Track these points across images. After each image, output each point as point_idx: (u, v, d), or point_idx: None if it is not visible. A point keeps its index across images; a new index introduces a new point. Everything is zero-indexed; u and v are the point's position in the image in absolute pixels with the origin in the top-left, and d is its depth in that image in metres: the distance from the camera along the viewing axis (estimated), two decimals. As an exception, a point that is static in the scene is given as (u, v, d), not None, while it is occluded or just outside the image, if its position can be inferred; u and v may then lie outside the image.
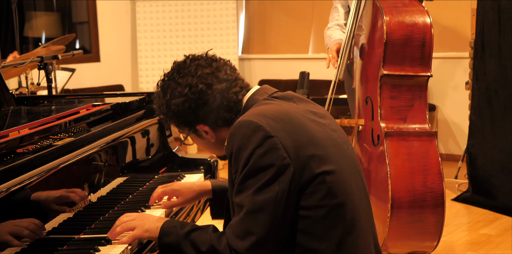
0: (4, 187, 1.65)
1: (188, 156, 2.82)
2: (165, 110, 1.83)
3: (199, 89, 1.77)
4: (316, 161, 1.65)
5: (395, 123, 3.05)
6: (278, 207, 1.62)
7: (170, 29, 7.38)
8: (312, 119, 1.75)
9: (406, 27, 3.02)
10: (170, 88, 1.80)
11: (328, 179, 1.65)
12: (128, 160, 2.50)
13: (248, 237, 1.62)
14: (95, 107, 2.49)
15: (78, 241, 1.88)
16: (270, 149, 1.62)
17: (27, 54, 4.75)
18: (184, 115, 1.80)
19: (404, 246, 3.07)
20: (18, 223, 1.73)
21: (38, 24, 7.34)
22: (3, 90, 2.62)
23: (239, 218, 1.64)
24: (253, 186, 1.63)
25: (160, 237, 1.75)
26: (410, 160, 2.96)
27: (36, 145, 2.00)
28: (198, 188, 2.11)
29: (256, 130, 1.64)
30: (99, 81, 7.24)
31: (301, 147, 1.65)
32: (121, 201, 2.27)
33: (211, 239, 1.68)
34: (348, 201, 1.68)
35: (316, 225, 1.65)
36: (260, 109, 1.73)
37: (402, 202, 2.91)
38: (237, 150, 1.65)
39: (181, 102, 1.78)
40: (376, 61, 3.09)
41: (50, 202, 1.91)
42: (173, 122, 1.85)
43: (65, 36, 5.26)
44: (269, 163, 1.62)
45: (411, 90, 3.06)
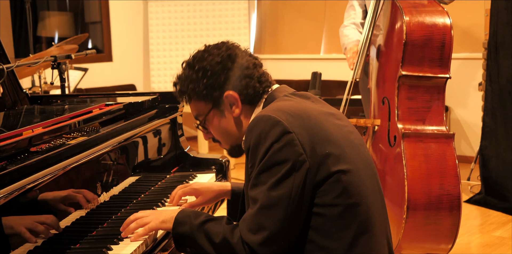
0: (18, 185, 1.65)
1: (200, 156, 2.82)
2: (194, 77, 1.81)
3: (235, 53, 1.82)
4: (332, 159, 1.66)
5: (412, 124, 3.04)
6: (292, 203, 1.63)
7: (182, 29, 7.39)
8: (329, 119, 1.75)
9: (426, 28, 3.00)
10: (202, 57, 1.83)
11: (344, 178, 1.66)
12: (140, 160, 2.50)
13: (260, 232, 1.63)
14: (108, 107, 2.50)
15: (90, 240, 1.88)
16: (287, 144, 1.63)
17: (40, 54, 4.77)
18: (217, 77, 1.80)
19: (418, 248, 3.06)
20: (36, 219, 1.74)
21: (51, 23, 7.38)
22: (17, 89, 2.63)
23: (253, 212, 1.65)
24: (268, 181, 1.64)
25: (174, 226, 1.76)
26: (427, 161, 2.95)
27: (50, 144, 2.01)
28: (218, 188, 2.12)
29: (274, 125, 1.65)
30: (111, 81, 7.26)
31: (318, 145, 1.66)
32: (133, 200, 2.27)
33: (224, 231, 1.69)
34: (363, 201, 1.68)
35: (329, 224, 1.65)
36: (279, 105, 1.74)
37: (418, 204, 2.89)
38: (254, 145, 1.66)
39: (216, 63, 1.80)
40: (395, 61, 3.08)
41: (63, 200, 1.92)
42: (200, 90, 1.82)
43: (78, 36, 5.28)
44: (285, 158, 1.63)
45: (429, 92, 3.05)
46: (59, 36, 7.29)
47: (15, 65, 2.51)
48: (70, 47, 4.71)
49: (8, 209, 1.64)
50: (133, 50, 7.59)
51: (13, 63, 2.55)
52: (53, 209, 1.88)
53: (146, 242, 1.84)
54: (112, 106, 2.50)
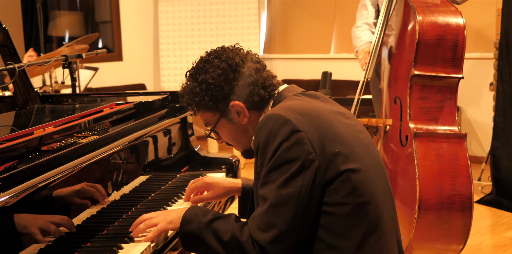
0: (30, 184, 1.66)
1: (210, 155, 2.82)
2: (197, 90, 1.82)
3: (236, 62, 1.81)
4: (341, 158, 1.66)
5: (424, 124, 3.02)
6: (301, 201, 1.62)
7: (192, 28, 7.40)
8: (339, 119, 1.75)
9: (439, 27, 2.99)
10: (204, 68, 1.83)
11: (353, 177, 1.65)
12: (150, 159, 2.51)
13: (270, 230, 1.63)
14: (119, 106, 2.50)
15: (101, 238, 1.88)
16: (296, 143, 1.63)
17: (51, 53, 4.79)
18: (220, 89, 1.80)
19: (429, 248, 3.05)
20: (49, 219, 1.74)
21: (62, 23, 7.40)
22: (28, 88, 2.64)
23: (263, 210, 1.65)
24: (277, 180, 1.64)
25: (182, 225, 1.76)
26: (439, 161, 2.94)
27: (61, 143, 2.01)
28: (229, 184, 2.12)
29: (284, 123, 1.65)
30: (121, 80, 7.28)
31: (327, 144, 1.65)
32: (143, 199, 2.27)
33: (233, 229, 1.68)
34: (372, 200, 1.68)
35: (339, 222, 1.65)
36: (288, 104, 1.75)
37: (429, 204, 2.88)
38: (264, 143, 1.66)
39: (218, 75, 1.80)
40: (407, 61, 3.07)
41: (74, 199, 1.93)
42: (205, 103, 1.83)
43: (88, 35, 5.30)
44: (295, 157, 1.63)
45: (441, 91, 3.04)
46: (69, 36, 7.32)
47: (27, 64, 2.52)
48: (80, 46, 4.73)
49: (19, 207, 1.64)
50: (143, 50, 7.60)
51: (24, 63, 2.56)
52: (65, 208, 1.88)
53: (156, 242, 1.84)
54: (123, 105, 2.50)
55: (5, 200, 1.55)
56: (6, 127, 2.28)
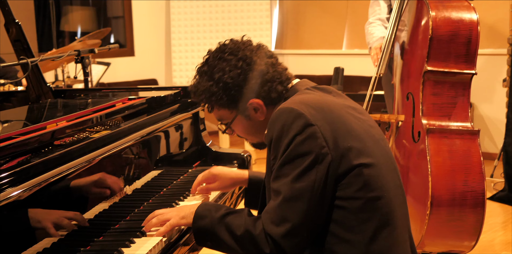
0: (42, 178, 1.67)
1: (222, 151, 2.82)
2: (214, 89, 1.80)
3: (254, 60, 1.80)
4: (354, 152, 1.65)
5: (437, 120, 3.01)
6: (314, 195, 1.62)
7: (204, 23, 7.40)
8: (351, 113, 1.75)
9: (452, 23, 2.97)
10: (218, 67, 1.80)
11: (365, 172, 1.65)
12: (162, 154, 2.51)
13: (283, 224, 1.63)
14: (131, 101, 2.51)
15: (113, 233, 1.89)
16: (310, 137, 1.63)
17: (64, 48, 4.81)
18: (239, 89, 1.79)
19: (441, 244, 3.04)
20: (62, 214, 1.75)
21: (74, 18, 7.42)
22: (41, 83, 2.65)
23: (276, 204, 1.64)
24: (291, 173, 1.63)
25: (194, 220, 1.76)
26: (452, 158, 2.92)
27: (73, 137, 2.02)
28: (236, 176, 2.12)
29: (297, 117, 1.65)
30: (133, 75, 7.30)
31: (340, 138, 1.65)
32: (155, 194, 2.28)
33: (246, 223, 1.68)
34: (385, 195, 1.68)
35: (351, 217, 1.65)
36: (301, 98, 1.74)
37: (442, 200, 2.87)
38: (277, 137, 1.66)
39: (236, 74, 1.78)
40: (420, 57, 3.05)
41: (87, 193, 1.93)
42: (223, 102, 1.82)
43: (100, 30, 5.31)
44: (308, 151, 1.62)
45: (454, 88, 3.02)
46: (81, 31, 7.34)
47: (40, 59, 2.53)
48: (93, 41, 4.74)
49: (32, 202, 1.65)
50: (155, 45, 7.61)
51: (37, 57, 2.57)
52: (77, 202, 1.89)
53: (168, 236, 1.85)
54: (135, 100, 2.51)
55: (18, 194, 1.56)
56: (19, 122, 2.29)
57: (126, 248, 1.74)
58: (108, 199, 2.02)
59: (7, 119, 2.26)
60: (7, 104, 2.80)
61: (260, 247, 1.65)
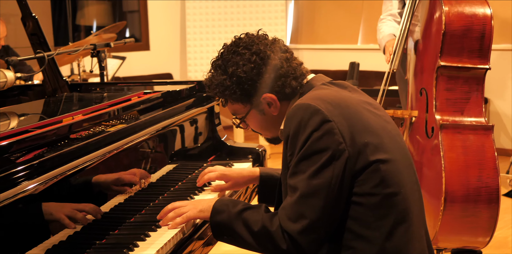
0: (58, 172, 1.68)
1: (237, 145, 2.83)
2: (228, 83, 1.80)
3: (268, 55, 1.79)
4: (371, 148, 1.65)
5: (450, 115, 2.99)
6: (331, 192, 1.62)
7: (219, 18, 7.39)
8: (367, 109, 1.75)
9: (466, 18, 2.95)
10: (232, 61, 1.80)
11: (382, 168, 1.65)
12: (177, 148, 2.52)
13: (300, 220, 1.63)
14: (146, 95, 2.51)
15: (129, 226, 1.90)
16: (327, 133, 1.62)
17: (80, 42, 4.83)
18: (253, 83, 1.79)
19: (455, 240, 3.02)
20: (75, 207, 1.77)
21: (90, 12, 7.45)
22: (57, 77, 2.67)
23: (293, 200, 1.64)
24: (308, 170, 1.63)
25: (212, 215, 1.76)
26: (466, 153, 2.91)
27: (89, 131, 2.03)
28: (247, 173, 2.12)
29: (314, 113, 1.64)
30: (148, 70, 7.31)
31: (357, 134, 1.65)
32: (170, 188, 2.28)
33: (263, 219, 1.69)
34: (401, 191, 1.67)
35: (367, 213, 1.65)
36: (318, 94, 1.74)
37: (455, 196, 2.86)
38: (294, 133, 1.66)
39: (250, 69, 1.78)
40: (433, 52, 3.03)
41: (102, 186, 1.95)
42: (237, 96, 1.82)
43: (116, 24, 5.33)
44: (325, 147, 1.62)
45: (468, 83, 3.00)
46: (97, 25, 7.37)
47: (56, 53, 2.54)
48: (108, 35, 4.76)
49: (49, 195, 1.66)
50: (170, 39, 7.62)
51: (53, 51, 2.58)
52: (92, 195, 1.90)
53: (183, 230, 1.86)
54: (150, 94, 2.51)
55: (35, 187, 1.57)
56: (36, 115, 2.30)
57: (141, 242, 1.75)
58: (124, 193, 2.03)
59: (23, 113, 2.28)
60: (23, 97, 2.82)
61: (276, 243, 1.65)
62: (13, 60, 2.33)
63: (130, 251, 1.68)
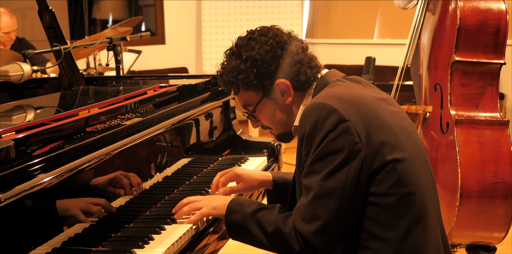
0: (74, 164, 1.68)
1: (252, 139, 2.82)
2: (242, 67, 1.77)
3: (284, 40, 1.78)
4: (387, 147, 1.63)
5: (465, 110, 2.98)
6: (346, 193, 1.60)
7: (235, 12, 7.38)
8: (382, 106, 1.72)
9: (481, 12, 2.93)
10: (248, 46, 1.78)
11: (399, 167, 1.63)
12: (192, 142, 2.52)
13: (314, 221, 1.61)
14: (162, 89, 2.52)
15: (144, 219, 1.91)
16: (343, 133, 1.60)
17: (96, 36, 4.84)
18: (267, 66, 1.76)
19: (470, 236, 3.01)
20: (90, 201, 1.77)
21: (106, 6, 7.47)
22: (73, 70, 2.67)
23: (307, 201, 1.63)
24: (323, 170, 1.61)
25: (227, 215, 1.76)
26: (481, 149, 2.89)
27: (105, 124, 2.04)
28: (260, 177, 2.07)
29: (330, 113, 1.62)
30: (163, 63, 7.32)
31: (373, 133, 1.63)
32: (185, 182, 2.29)
33: (277, 220, 1.67)
34: (418, 190, 1.65)
35: (384, 213, 1.63)
36: (333, 92, 1.71)
37: (471, 192, 2.84)
38: (310, 133, 1.64)
39: (265, 51, 1.76)
40: (447, 47, 3.01)
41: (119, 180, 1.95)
42: (250, 80, 1.77)
43: (132, 19, 5.33)
44: (341, 147, 1.60)
45: (483, 78, 2.98)
46: (113, 19, 7.38)
47: (72, 46, 2.55)
48: (124, 29, 4.76)
49: (65, 187, 1.67)
50: (185, 33, 7.62)
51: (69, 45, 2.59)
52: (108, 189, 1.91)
53: (197, 224, 1.86)
54: (166, 88, 2.52)
55: (50, 180, 1.58)
56: (52, 108, 2.31)
57: (157, 235, 1.75)
58: (140, 186, 2.03)
59: (40, 106, 2.29)
60: (40, 90, 2.83)
61: (290, 245, 1.64)
62: (29, 53, 2.34)
63: (145, 244, 1.69)
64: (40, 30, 2.66)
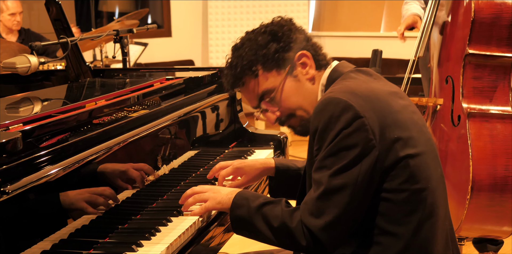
0: (81, 157, 1.68)
1: (258, 132, 2.82)
2: (263, 42, 1.76)
3: (296, 26, 1.80)
4: (400, 144, 1.61)
5: (477, 103, 2.96)
6: (357, 189, 1.58)
7: (241, 5, 7.37)
8: (395, 100, 1.70)
9: (495, 5, 2.91)
10: (266, 25, 1.79)
11: (411, 163, 1.61)
12: (199, 134, 2.52)
13: (322, 216, 1.59)
14: (169, 81, 2.51)
15: (151, 211, 1.91)
16: (357, 129, 1.58)
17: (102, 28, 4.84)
18: (286, 38, 1.75)
19: (479, 230, 3.00)
20: (93, 191, 1.77)
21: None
22: (80, 63, 2.67)
23: (316, 196, 1.61)
24: (334, 166, 1.59)
25: (232, 209, 1.73)
26: (493, 142, 2.87)
27: (112, 116, 2.04)
28: (261, 165, 2.05)
29: (345, 109, 1.59)
30: (170, 56, 7.32)
31: (387, 129, 1.60)
32: (192, 174, 2.29)
33: (283, 215, 1.65)
34: (429, 186, 1.64)
35: (395, 209, 1.62)
36: (348, 86, 1.69)
37: (482, 185, 2.83)
38: (323, 128, 1.61)
39: (281, 25, 1.77)
40: (460, 40, 3.00)
41: (125, 172, 1.95)
42: (272, 56, 1.75)
43: (138, 11, 5.34)
44: (354, 143, 1.58)
45: (495, 71, 2.96)
46: (119, 11, 7.38)
47: (79, 38, 2.55)
48: (131, 22, 4.76)
49: (72, 179, 1.67)
50: (192, 26, 7.61)
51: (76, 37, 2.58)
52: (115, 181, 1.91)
53: (203, 216, 1.86)
54: (173, 81, 2.51)
55: (57, 172, 1.58)
56: (59, 100, 2.32)
57: (163, 227, 1.75)
58: (145, 178, 2.03)
59: (47, 98, 2.29)
60: (47, 82, 2.83)
61: (296, 240, 1.63)
62: (37, 45, 2.34)
63: (152, 236, 1.69)
64: (47, 22, 2.66)
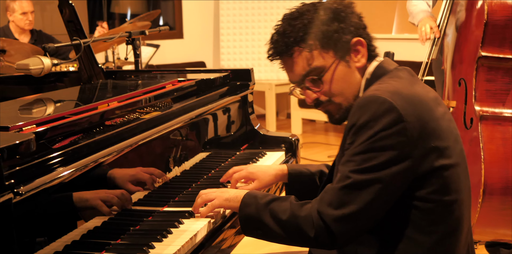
0: (94, 158, 1.69)
1: (270, 134, 2.82)
2: (324, 18, 1.69)
3: (355, 9, 1.77)
4: (436, 153, 1.58)
5: (490, 106, 2.95)
6: (383, 190, 1.55)
7: (253, 6, 7.37)
8: (435, 107, 1.65)
9: (509, 8, 2.90)
10: (314, 5, 1.76)
11: (445, 174, 1.59)
12: (210, 136, 2.52)
13: (341, 209, 1.56)
14: (181, 83, 2.52)
15: (162, 213, 1.91)
16: (397, 133, 1.54)
17: (115, 30, 4.86)
18: (348, 20, 1.70)
19: (491, 233, 2.99)
20: (111, 192, 1.78)
21: (124, 0, 7.49)
22: (93, 64, 2.68)
23: (340, 187, 1.57)
24: (365, 163, 1.55)
25: (241, 208, 1.71)
26: (505, 145, 2.86)
27: (124, 118, 2.04)
28: (275, 171, 2.04)
29: (389, 110, 1.55)
30: (181, 58, 7.34)
31: (425, 137, 1.57)
32: (203, 176, 2.29)
33: (292, 208, 1.63)
34: (458, 199, 1.62)
35: (422, 217, 1.60)
36: (394, 86, 1.63)
37: (494, 188, 2.82)
38: (362, 124, 1.56)
39: (344, 5, 1.73)
40: (474, 42, 2.99)
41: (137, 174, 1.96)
42: (331, 33, 1.69)
43: (150, 12, 5.35)
44: (390, 146, 1.54)
45: (508, 74, 2.95)
46: (131, 13, 7.40)
47: (92, 40, 2.55)
48: (143, 23, 4.78)
49: (85, 181, 1.68)
50: (203, 27, 7.63)
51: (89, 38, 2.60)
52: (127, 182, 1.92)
53: (215, 218, 1.86)
54: (185, 82, 2.52)
55: (70, 173, 1.58)
56: (71, 102, 2.33)
57: (175, 229, 1.76)
58: (157, 180, 2.04)
59: (59, 99, 2.30)
60: (59, 84, 2.85)
61: (303, 231, 1.59)
62: (50, 47, 2.35)
63: (163, 238, 1.69)
64: (60, 24, 2.68)
